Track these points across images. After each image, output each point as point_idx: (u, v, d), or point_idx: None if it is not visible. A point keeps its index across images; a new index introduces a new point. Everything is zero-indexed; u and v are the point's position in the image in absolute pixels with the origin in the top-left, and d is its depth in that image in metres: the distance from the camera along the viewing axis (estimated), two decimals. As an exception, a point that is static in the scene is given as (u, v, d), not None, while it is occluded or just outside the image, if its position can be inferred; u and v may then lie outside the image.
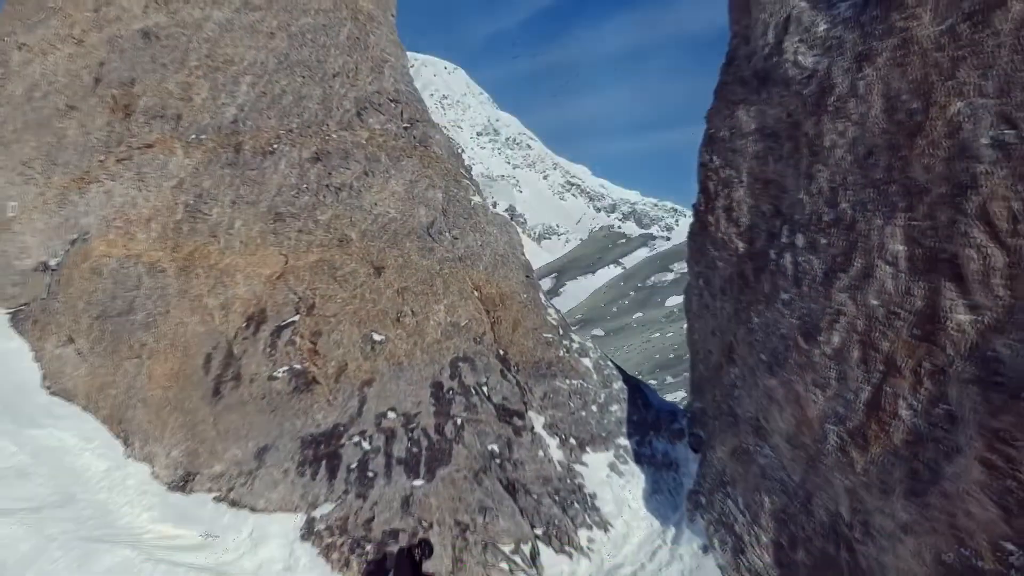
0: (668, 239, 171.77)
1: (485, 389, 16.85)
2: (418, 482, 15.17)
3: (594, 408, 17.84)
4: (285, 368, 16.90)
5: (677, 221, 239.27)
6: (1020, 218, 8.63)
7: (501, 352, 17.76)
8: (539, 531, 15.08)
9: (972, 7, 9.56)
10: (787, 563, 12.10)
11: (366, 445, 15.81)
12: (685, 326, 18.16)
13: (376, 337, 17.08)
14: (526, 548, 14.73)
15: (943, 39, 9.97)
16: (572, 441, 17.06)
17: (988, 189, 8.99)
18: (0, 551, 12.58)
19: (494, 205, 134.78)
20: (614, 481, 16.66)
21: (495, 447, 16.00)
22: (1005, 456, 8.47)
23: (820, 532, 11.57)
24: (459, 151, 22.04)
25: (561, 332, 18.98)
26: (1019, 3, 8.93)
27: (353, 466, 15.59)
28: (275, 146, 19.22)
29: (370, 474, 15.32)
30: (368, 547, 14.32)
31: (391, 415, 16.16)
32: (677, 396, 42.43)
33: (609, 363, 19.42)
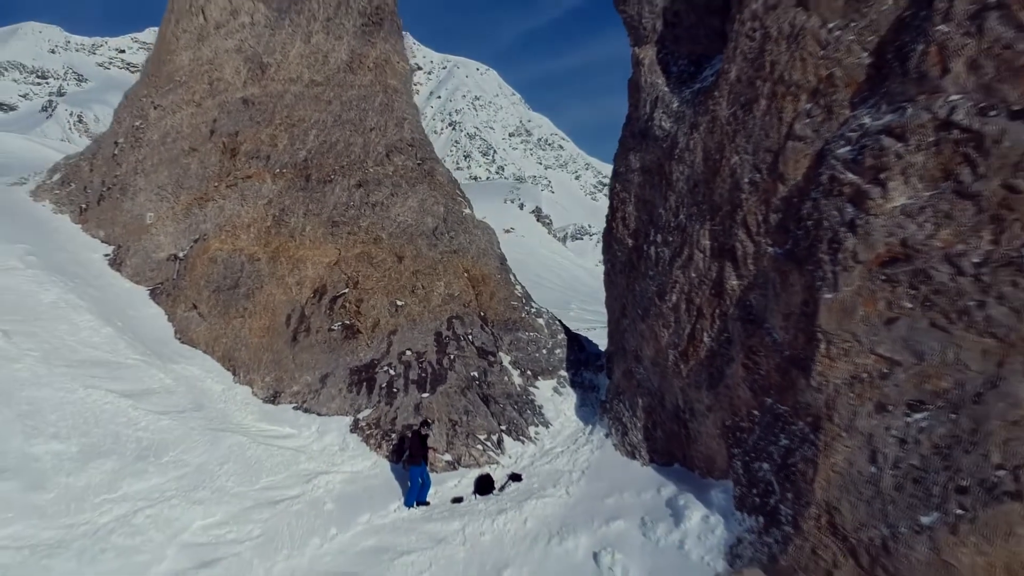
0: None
1: (470, 337, 17.96)
2: (425, 394, 16.40)
3: (544, 351, 18.95)
4: (339, 323, 17.99)
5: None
6: (761, 226, 10.66)
7: (482, 313, 18.84)
8: (503, 427, 16.31)
9: (744, 100, 11.30)
10: (651, 438, 13.70)
11: (392, 372, 17.00)
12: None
13: (398, 303, 18.11)
14: (494, 437, 15.98)
15: (730, 118, 11.66)
16: (528, 372, 18.25)
17: (746, 209, 10.93)
18: (162, 434, 14.47)
19: (520, 207, 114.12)
20: (555, 398, 17.91)
21: (475, 373, 17.16)
22: (754, 361, 10.52)
23: (669, 417, 13.17)
24: (453, 176, 22.91)
25: (524, 301, 20.16)
26: (764, 100, 11.01)
27: (383, 385, 16.77)
28: (332, 177, 19.92)
29: (394, 390, 16.60)
30: (393, 435, 15.70)
31: (408, 353, 17.27)
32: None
33: (556, 322, 20.46)
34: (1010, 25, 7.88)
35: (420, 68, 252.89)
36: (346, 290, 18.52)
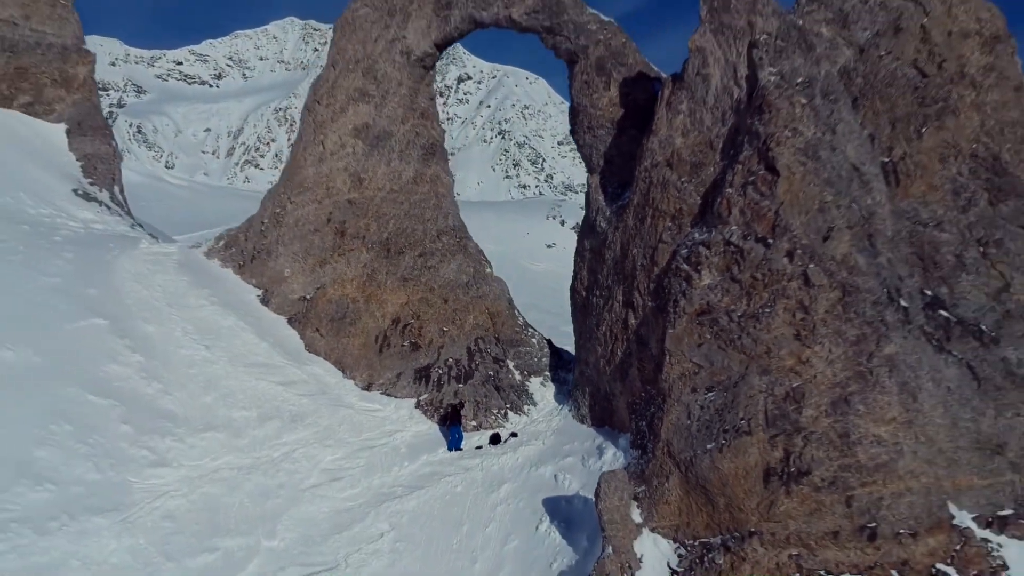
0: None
1: (489, 350, 20.20)
2: (460, 385, 18.90)
3: (535, 359, 20.98)
4: (407, 341, 20.27)
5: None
6: (646, 290, 13.70)
7: (496, 335, 20.94)
8: (508, 405, 18.84)
9: (640, 217, 14.34)
10: (593, 411, 16.33)
11: (440, 372, 19.38)
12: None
13: (444, 328, 20.27)
14: (502, 411, 18.65)
15: (633, 227, 14.59)
16: (525, 372, 20.32)
17: (639, 279, 13.92)
18: (303, 408, 17.25)
19: (562, 223, 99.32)
20: (541, 389, 20.07)
21: (491, 372, 19.47)
22: (642, 366, 13.44)
23: (602, 399, 15.86)
24: (480, 248, 25.17)
25: (523, 327, 22.19)
26: (649, 218, 14.45)
27: (435, 380, 19.13)
28: (404, 250, 21.98)
29: (441, 383, 19.11)
30: (441, 410, 18.29)
31: (450, 360, 19.52)
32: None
33: (545, 340, 22.41)
34: (757, 192, 11.53)
35: (469, 78, 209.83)
36: (412, 321, 20.48)
